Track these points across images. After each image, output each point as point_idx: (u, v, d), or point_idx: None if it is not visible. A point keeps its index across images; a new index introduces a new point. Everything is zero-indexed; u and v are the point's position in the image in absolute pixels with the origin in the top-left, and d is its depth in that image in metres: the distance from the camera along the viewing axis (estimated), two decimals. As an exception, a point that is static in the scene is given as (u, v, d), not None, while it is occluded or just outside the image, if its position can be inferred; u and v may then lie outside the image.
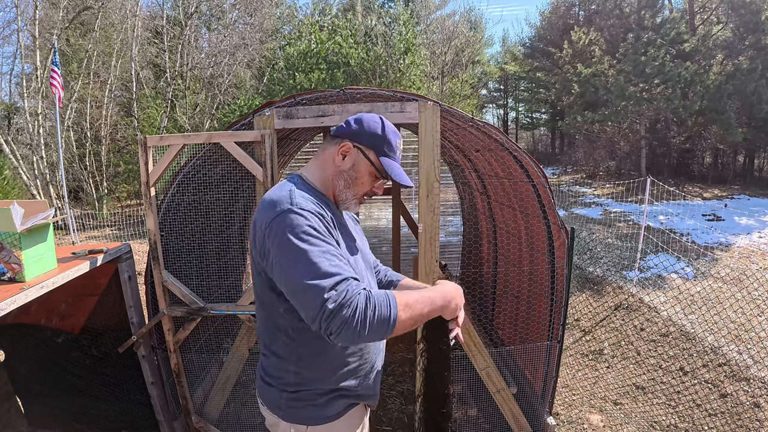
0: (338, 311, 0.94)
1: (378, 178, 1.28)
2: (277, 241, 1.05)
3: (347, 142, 1.25)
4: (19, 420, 2.71)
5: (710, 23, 15.20)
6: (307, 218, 1.06)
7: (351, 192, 1.27)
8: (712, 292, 5.23)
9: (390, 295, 1.02)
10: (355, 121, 1.27)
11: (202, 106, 14.79)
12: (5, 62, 26.86)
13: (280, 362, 1.23)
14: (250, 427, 2.84)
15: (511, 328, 3.66)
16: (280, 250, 1.04)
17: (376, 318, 0.97)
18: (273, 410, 1.26)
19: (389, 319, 0.98)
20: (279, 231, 1.05)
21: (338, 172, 1.26)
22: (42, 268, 2.03)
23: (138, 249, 7.23)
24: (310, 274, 0.99)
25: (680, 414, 3.42)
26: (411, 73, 12.77)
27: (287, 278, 1.03)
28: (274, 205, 1.09)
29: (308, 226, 1.05)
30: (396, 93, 2.43)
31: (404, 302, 1.03)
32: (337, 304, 0.95)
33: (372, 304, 0.97)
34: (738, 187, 13.39)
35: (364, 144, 1.25)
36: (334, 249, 1.05)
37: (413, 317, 1.04)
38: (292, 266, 1.02)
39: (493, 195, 4.00)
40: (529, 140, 31.51)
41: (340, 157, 1.25)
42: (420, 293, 1.10)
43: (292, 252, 1.02)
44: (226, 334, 3.47)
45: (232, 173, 2.66)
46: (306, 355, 1.20)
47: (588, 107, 16.18)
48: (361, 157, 1.25)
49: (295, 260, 1.01)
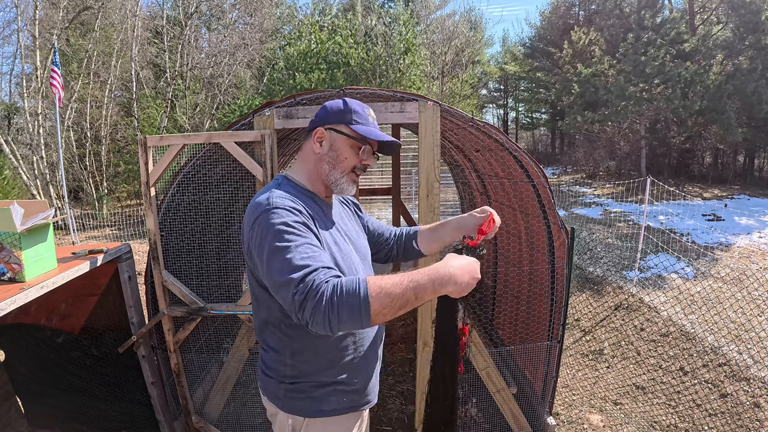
0: (306, 302, 0.96)
1: (359, 147, 1.29)
2: (257, 241, 1.11)
3: (319, 128, 1.30)
4: (19, 420, 2.71)
5: (710, 23, 15.19)
6: (280, 215, 1.10)
7: (338, 171, 1.29)
8: (712, 292, 5.23)
9: (361, 281, 0.97)
10: (320, 109, 1.33)
11: (202, 106, 14.79)
12: (5, 62, 26.90)
13: (277, 356, 1.27)
14: (250, 427, 2.84)
15: (511, 328, 3.65)
16: (260, 250, 1.10)
17: (345, 304, 0.94)
18: (272, 400, 1.30)
19: (360, 305, 0.94)
20: (258, 232, 1.11)
21: (319, 158, 1.30)
22: (42, 268, 2.03)
23: (138, 249, 7.23)
24: (283, 270, 1.03)
25: (680, 414, 3.42)
26: (411, 73, 12.77)
27: (268, 276, 1.08)
28: (255, 208, 1.15)
29: (281, 224, 1.08)
30: (396, 93, 2.43)
31: (378, 285, 0.96)
32: (304, 295, 0.97)
33: (339, 290, 0.95)
34: (738, 187, 13.39)
35: (333, 122, 1.29)
36: (306, 240, 1.08)
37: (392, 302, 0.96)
38: (269, 264, 1.06)
39: (493, 195, 4.00)
40: (529, 140, 31.51)
41: (317, 144, 1.30)
42: (404, 274, 0.99)
43: (269, 250, 1.07)
44: (226, 334, 3.47)
45: (232, 173, 2.66)
46: (300, 349, 1.24)
47: (588, 107, 16.18)
48: (335, 135, 1.29)
49: (271, 258, 1.06)
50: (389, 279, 0.98)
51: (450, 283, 1.00)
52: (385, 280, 0.97)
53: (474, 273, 1.06)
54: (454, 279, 1.01)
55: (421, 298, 0.98)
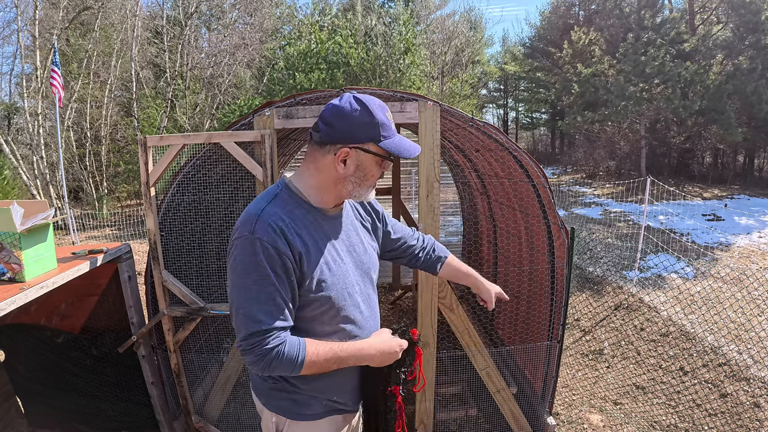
0: (248, 355, 1.09)
1: (385, 162, 1.20)
2: (231, 261, 1.12)
3: (342, 147, 1.13)
4: (19, 420, 2.71)
5: (710, 23, 15.19)
6: (256, 251, 1.08)
7: (363, 188, 1.20)
8: (712, 292, 5.23)
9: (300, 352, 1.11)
10: (337, 118, 1.13)
11: (202, 106, 14.78)
12: (5, 62, 26.88)
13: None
14: (250, 427, 2.83)
15: (511, 328, 3.65)
16: (230, 272, 1.12)
17: (280, 368, 1.10)
18: (257, 395, 1.32)
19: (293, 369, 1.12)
20: (234, 254, 1.11)
21: (343, 178, 1.18)
22: (42, 268, 2.03)
23: (138, 249, 7.23)
24: (239, 311, 1.10)
25: (680, 414, 3.42)
26: (411, 73, 12.76)
27: (229, 298, 1.14)
28: (243, 223, 1.13)
29: (255, 263, 1.08)
30: (396, 93, 2.43)
31: (311, 361, 1.13)
32: (249, 350, 1.08)
33: (279, 357, 1.08)
34: (738, 187, 13.39)
35: (361, 141, 1.14)
36: (271, 291, 1.09)
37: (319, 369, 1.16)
38: (232, 294, 1.12)
39: (493, 195, 4.00)
40: (529, 140, 31.50)
41: (341, 164, 1.15)
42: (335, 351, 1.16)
43: (236, 282, 1.11)
44: (226, 334, 3.46)
45: (232, 173, 2.66)
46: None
47: (588, 107, 16.17)
48: (362, 154, 1.15)
49: (234, 292, 1.11)
50: (323, 354, 1.14)
51: (368, 362, 1.24)
52: (320, 355, 1.14)
53: (392, 357, 1.28)
54: (372, 360, 1.24)
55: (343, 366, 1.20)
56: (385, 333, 1.30)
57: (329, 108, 1.15)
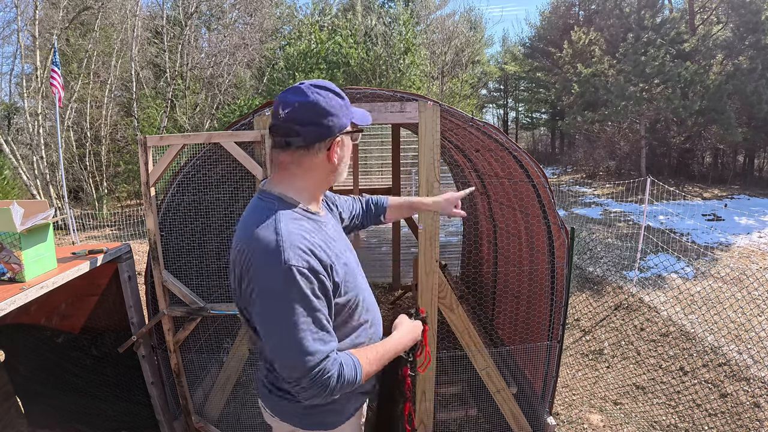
0: (313, 389, 1.02)
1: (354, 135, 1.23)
2: (263, 296, 1.01)
3: (334, 139, 1.12)
4: (19, 420, 2.71)
5: (710, 23, 15.19)
6: (297, 283, 0.99)
7: (346, 169, 1.23)
8: (712, 292, 5.23)
9: (358, 371, 1.09)
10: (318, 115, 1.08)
11: (202, 106, 14.78)
12: (5, 62, 26.86)
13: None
14: (250, 427, 2.84)
15: (511, 328, 3.65)
16: (267, 305, 1.01)
17: (343, 389, 1.06)
18: (287, 419, 1.24)
19: (355, 382, 1.09)
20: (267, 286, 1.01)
21: (333, 169, 1.17)
22: (42, 268, 2.03)
23: (138, 249, 7.23)
24: (293, 348, 1.00)
25: (680, 414, 3.42)
26: (411, 73, 12.77)
27: (270, 339, 1.05)
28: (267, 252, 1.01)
29: (298, 295, 1.00)
30: (396, 93, 2.43)
31: (366, 372, 1.12)
32: (313, 383, 1.01)
33: (342, 381, 1.05)
34: (738, 187, 13.39)
35: (346, 125, 1.14)
36: (316, 316, 1.03)
37: (374, 370, 1.17)
38: (273, 326, 1.02)
39: (493, 195, 4.00)
40: (529, 140, 31.50)
41: (334, 155, 1.14)
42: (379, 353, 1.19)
43: (276, 315, 1.01)
44: (226, 334, 3.47)
45: (232, 173, 2.66)
46: None
47: (588, 107, 16.17)
48: (344, 137, 1.16)
49: (277, 323, 1.01)
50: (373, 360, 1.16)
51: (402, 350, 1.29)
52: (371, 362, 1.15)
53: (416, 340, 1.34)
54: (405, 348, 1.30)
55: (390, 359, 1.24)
56: (405, 319, 1.36)
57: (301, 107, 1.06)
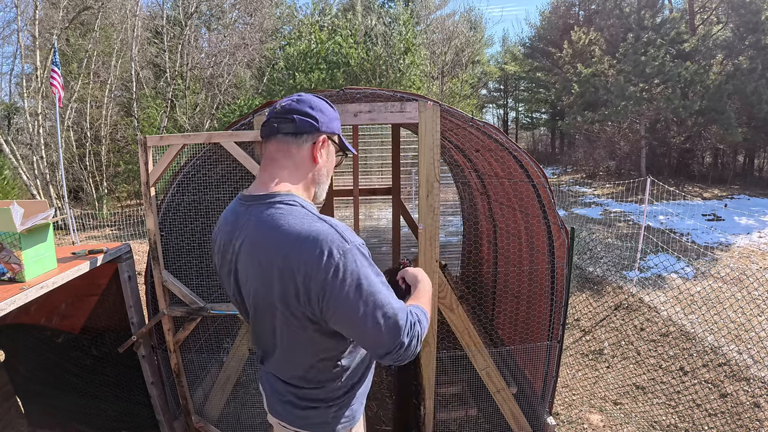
0: (409, 345, 1.06)
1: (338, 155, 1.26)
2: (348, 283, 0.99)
3: (321, 136, 1.16)
4: (19, 420, 2.71)
5: (710, 23, 15.19)
6: (363, 253, 1.03)
7: (326, 183, 1.23)
8: (712, 292, 5.23)
9: (423, 311, 1.16)
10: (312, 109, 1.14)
11: (202, 106, 14.78)
12: (5, 62, 26.88)
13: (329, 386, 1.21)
14: (250, 427, 2.84)
15: (511, 328, 3.65)
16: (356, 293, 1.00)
17: (422, 338, 1.11)
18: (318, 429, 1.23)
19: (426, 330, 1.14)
20: (346, 272, 0.99)
21: (318, 169, 1.19)
22: (42, 268, 2.03)
23: (138, 249, 7.23)
24: (388, 313, 1.03)
25: (680, 414, 3.42)
26: (411, 73, 12.76)
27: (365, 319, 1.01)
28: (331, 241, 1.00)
29: (369, 264, 1.04)
30: (396, 93, 2.43)
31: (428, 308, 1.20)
32: (409, 338, 1.05)
33: (422, 328, 1.11)
34: (738, 187, 13.39)
35: (334, 131, 1.20)
36: (381, 279, 1.07)
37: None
38: (369, 306, 1.01)
39: (493, 195, 4.00)
40: (529, 140, 31.50)
41: (319, 154, 1.17)
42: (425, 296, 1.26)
43: (365, 292, 1.01)
44: (226, 334, 3.47)
45: (232, 173, 2.66)
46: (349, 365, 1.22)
47: (588, 107, 16.17)
48: (331, 144, 1.21)
49: (370, 301, 1.01)
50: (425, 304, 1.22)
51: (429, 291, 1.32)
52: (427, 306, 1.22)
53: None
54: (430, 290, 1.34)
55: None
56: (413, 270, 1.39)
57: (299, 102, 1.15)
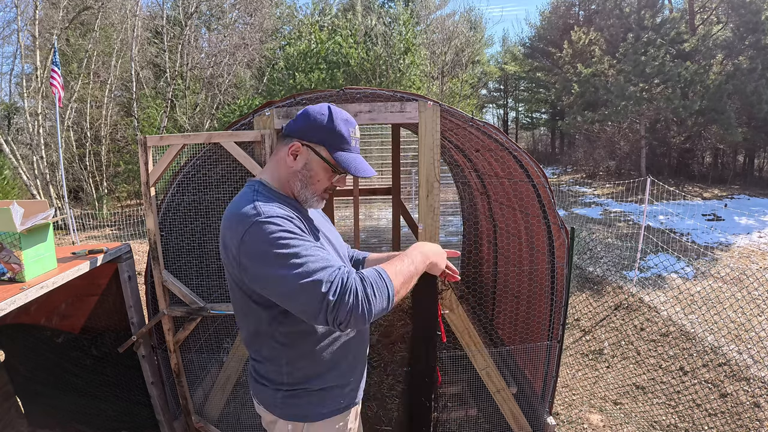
0: (341, 300, 0.97)
1: (334, 174, 1.23)
2: (256, 254, 1.03)
3: (296, 141, 1.19)
4: (19, 420, 2.71)
5: (710, 23, 15.19)
6: (278, 224, 1.04)
7: (309, 191, 1.22)
8: (712, 292, 5.23)
9: (380, 270, 1.06)
10: (301, 115, 1.20)
11: (202, 106, 14.78)
12: (5, 62, 26.90)
13: (272, 365, 1.24)
14: (250, 427, 2.84)
15: (511, 328, 3.65)
16: (262, 262, 1.02)
17: (377, 295, 1.00)
18: (270, 408, 1.28)
19: (388, 292, 1.03)
20: (255, 244, 1.03)
21: (293, 172, 1.21)
22: (42, 268, 2.03)
23: (138, 249, 7.23)
24: (301, 275, 0.99)
25: (680, 414, 3.42)
26: (411, 73, 12.76)
27: (277, 287, 1.02)
28: (242, 219, 1.06)
29: (282, 231, 1.03)
30: (396, 93, 2.43)
31: (393, 271, 1.07)
32: (338, 294, 0.97)
33: (368, 282, 1.01)
34: (738, 187, 13.39)
35: (313, 141, 1.18)
36: (312, 244, 1.06)
37: (405, 282, 1.10)
38: (279, 274, 1.00)
39: (493, 195, 4.00)
40: (529, 140, 31.50)
41: (291, 157, 1.19)
42: (399, 259, 1.15)
43: (275, 261, 1.01)
44: (226, 334, 3.46)
45: (232, 173, 2.65)
46: (295, 356, 1.22)
47: (588, 107, 16.17)
48: (312, 155, 1.19)
49: (281, 268, 1.00)
50: (396, 265, 1.11)
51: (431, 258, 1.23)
52: (394, 266, 1.10)
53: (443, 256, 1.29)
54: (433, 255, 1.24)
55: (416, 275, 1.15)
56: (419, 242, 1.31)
57: (312, 107, 1.21)
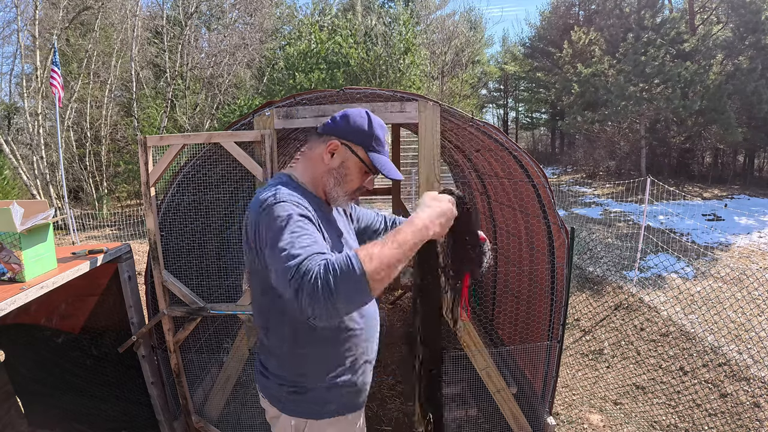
0: (301, 288, 0.92)
1: (368, 173, 1.29)
2: (266, 233, 1.09)
3: (335, 140, 1.25)
4: (19, 420, 2.71)
5: (710, 23, 15.19)
6: (285, 208, 1.09)
7: (342, 189, 1.28)
8: (712, 292, 5.23)
9: (350, 253, 0.96)
10: (341, 117, 1.27)
11: (202, 106, 14.79)
12: (5, 62, 26.85)
13: (281, 362, 1.27)
14: (250, 427, 2.83)
15: (511, 328, 3.65)
16: (271, 242, 1.06)
17: (339, 279, 0.91)
18: (274, 403, 1.30)
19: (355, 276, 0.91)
20: (265, 224, 1.09)
21: (327, 170, 1.27)
22: (42, 268, 2.03)
23: (138, 249, 7.23)
24: (281, 259, 0.99)
25: (680, 414, 3.42)
26: (411, 73, 12.76)
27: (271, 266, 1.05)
28: (261, 204, 1.12)
29: (287, 216, 1.07)
30: (396, 93, 2.43)
31: (367, 254, 0.94)
32: (298, 282, 0.93)
33: (331, 267, 0.92)
34: (738, 187, 13.39)
35: (353, 140, 1.25)
36: (307, 232, 1.05)
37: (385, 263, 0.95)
38: (273, 252, 1.03)
39: (493, 195, 4.00)
40: (529, 140, 31.49)
41: (328, 155, 1.26)
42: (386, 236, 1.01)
43: (272, 240, 1.05)
44: (226, 334, 3.46)
45: (232, 173, 2.65)
46: (304, 355, 1.24)
47: (588, 107, 16.17)
48: (349, 154, 1.26)
49: (274, 247, 1.03)
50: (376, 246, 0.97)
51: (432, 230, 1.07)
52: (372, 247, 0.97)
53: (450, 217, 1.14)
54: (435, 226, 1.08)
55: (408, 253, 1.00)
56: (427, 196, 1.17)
57: (342, 111, 1.28)
